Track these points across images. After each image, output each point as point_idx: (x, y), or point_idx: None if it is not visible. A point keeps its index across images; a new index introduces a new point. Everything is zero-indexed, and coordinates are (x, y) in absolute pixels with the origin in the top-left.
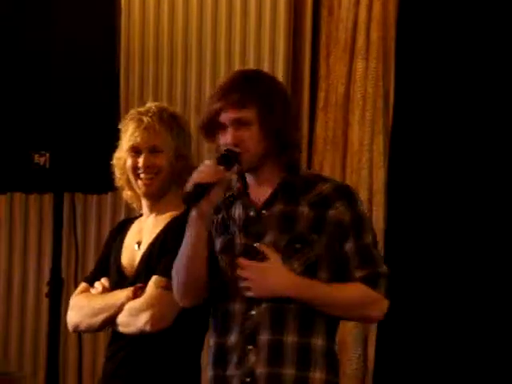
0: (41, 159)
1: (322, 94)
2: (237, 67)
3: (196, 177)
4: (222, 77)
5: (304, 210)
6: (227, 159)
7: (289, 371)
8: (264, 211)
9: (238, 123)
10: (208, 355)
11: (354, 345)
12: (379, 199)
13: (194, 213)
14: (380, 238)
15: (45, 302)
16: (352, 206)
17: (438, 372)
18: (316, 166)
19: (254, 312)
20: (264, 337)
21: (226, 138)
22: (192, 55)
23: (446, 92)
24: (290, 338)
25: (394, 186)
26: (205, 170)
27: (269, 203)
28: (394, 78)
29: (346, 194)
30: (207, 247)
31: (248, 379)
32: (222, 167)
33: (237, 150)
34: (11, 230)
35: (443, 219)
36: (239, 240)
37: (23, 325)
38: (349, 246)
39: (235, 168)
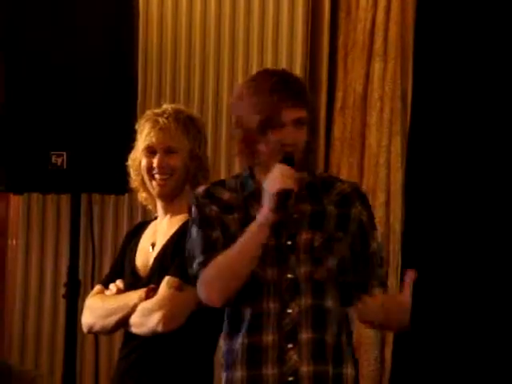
0: (58, 160)
1: (339, 95)
2: (254, 68)
3: (283, 182)
4: (240, 78)
5: (331, 208)
6: (291, 161)
7: (331, 369)
8: (292, 211)
9: (299, 122)
10: (229, 356)
11: (371, 346)
12: (396, 201)
13: (270, 216)
14: (397, 239)
15: (62, 302)
16: (367, 205)
17: (454, 373)
18: (333, 168)
19: (290, 310)
20: (305, 335)
21: (284, 137)
22: (210, 56)
23: (464, 93)
24: (330, 337)
25: (412, 187)
26: (288, 174)
27: (296, 203)
28: (412, 79)
29: (361, 193)
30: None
31: (291, 378)
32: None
33: (291, 150)
34: (28, 231)
35: (461, 221)
36: (269, 240)
37: (40, 325)
38: (374, 245)
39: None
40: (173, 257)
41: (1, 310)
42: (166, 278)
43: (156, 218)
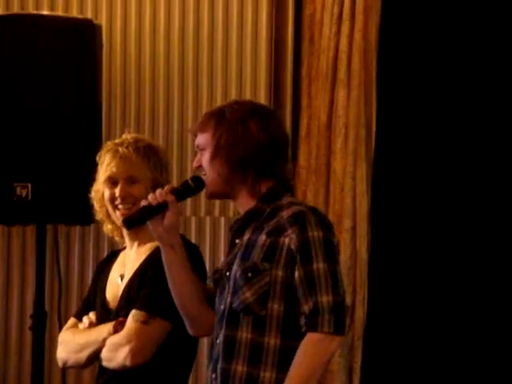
0: (23, 191)
1: (304, 123)
2: (219, 100)
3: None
4: (204, 110)
5: (262, 238)
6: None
7: None
8: (237, 240)
9: None
10: None
11: (338, 373)
12: (363, 227)
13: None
14: (363, 265)
15: (28, 334)
16: (302, 231)
17: None
18: (299, 196)
19: (218, 341)
20: (220, 366)
21: None
22: (174, 89)
23: (428, 120)
24: (239, 368)
25: (378, 213)
26: (151, 195)
27: (239, 232)
28: (376, 106)
29: (299, 219)
30: (186, 276)
31: None
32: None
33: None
34: None
35: (428, 244)
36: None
37: (6, 358)
38: (296, 274)
39: None
40: (139, 288)
41: None
42: (133, 312)
43: (125, 248)
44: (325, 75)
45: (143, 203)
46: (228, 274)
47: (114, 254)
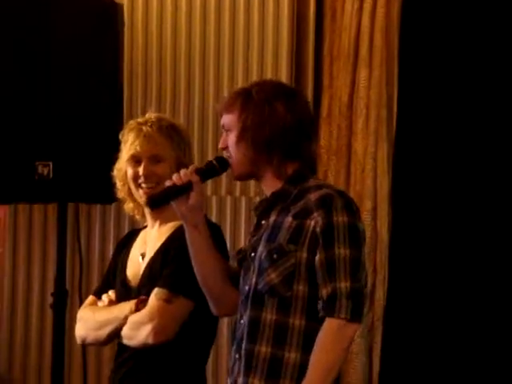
0: (44, 169)
1: (325, 104)
2: (240, 78)
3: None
4: (225, 88)
5: (288, 220)
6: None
7: (258, 382)
8: (263, 221)
9: None
10: None
11: (358, 354)
12: (383, 207)
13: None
14: (384, 246)
15: (49, 312)
16: (328, 215)
17: (443, 381)
18: (320, 176)
19: (242, 321)
20: (244, 347)
21: None
22: (195, 67)
23: (450, 99)
24: (264, 349)
25: (399, 193)
26: (176, 175)
27: (265, 213)
28: (397, 86)
29: (326, 203)
30: (209, 254)
31: None
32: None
33: None
34: (15, 241)
35: (449, 225)
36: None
37: (28, 336)
38: (317, 257)
39: None
40: (162, 267)
41: None
42: (155, 290)
43: (146, 227)
44: (346, 54)
45: (168, 183)
46: (253, 254)
47: (133, 233)
